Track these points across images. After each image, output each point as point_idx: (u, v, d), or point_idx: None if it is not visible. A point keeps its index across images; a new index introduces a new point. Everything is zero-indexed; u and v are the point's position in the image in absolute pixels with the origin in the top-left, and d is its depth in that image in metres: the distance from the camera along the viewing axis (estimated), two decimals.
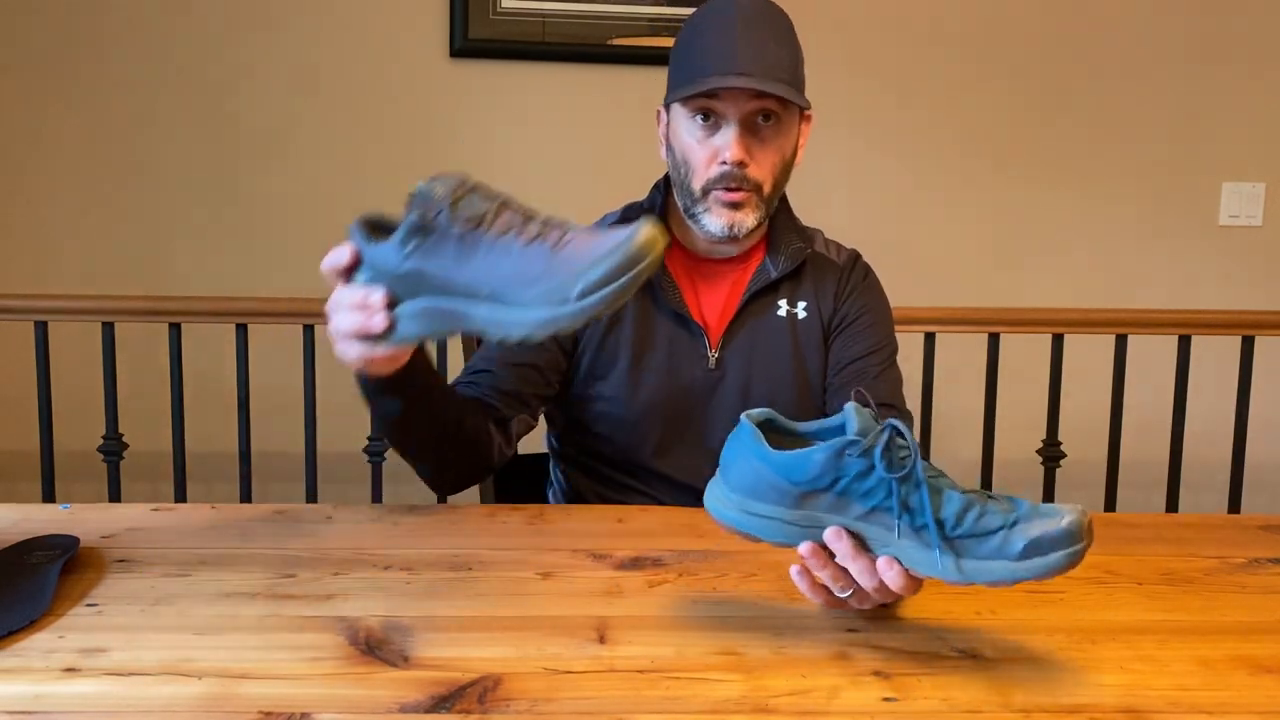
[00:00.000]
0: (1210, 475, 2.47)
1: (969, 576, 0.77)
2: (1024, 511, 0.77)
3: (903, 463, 0.77)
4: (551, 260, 0.78)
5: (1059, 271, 2.65)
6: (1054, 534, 0.75)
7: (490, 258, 0.80)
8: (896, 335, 1.32)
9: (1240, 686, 0.77)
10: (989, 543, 0.76)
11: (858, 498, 0.78)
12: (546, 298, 0.78)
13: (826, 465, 0.78)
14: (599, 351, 1.24)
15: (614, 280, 0.76)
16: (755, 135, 1.17)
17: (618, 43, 2.48)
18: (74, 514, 1.09)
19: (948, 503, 0.77)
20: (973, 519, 0.77)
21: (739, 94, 1.14)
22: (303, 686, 0.73)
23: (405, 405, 1.03)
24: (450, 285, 0.81)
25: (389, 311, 0.85)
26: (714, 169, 1.16)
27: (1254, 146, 2.65)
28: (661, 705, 0.72)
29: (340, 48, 2.48)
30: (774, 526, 0.80)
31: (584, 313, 0.77)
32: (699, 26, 1.18)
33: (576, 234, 0.80)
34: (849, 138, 2.58)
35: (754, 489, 0.80)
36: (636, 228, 0.78)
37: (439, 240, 0.82)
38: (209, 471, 2.43)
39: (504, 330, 0.80)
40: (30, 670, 0.75)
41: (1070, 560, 0.76)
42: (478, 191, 0.83)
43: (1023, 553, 0.75)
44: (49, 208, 2.47)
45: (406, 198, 0.83)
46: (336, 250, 0.88)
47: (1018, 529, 0.76)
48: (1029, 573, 0.76)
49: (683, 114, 1.19)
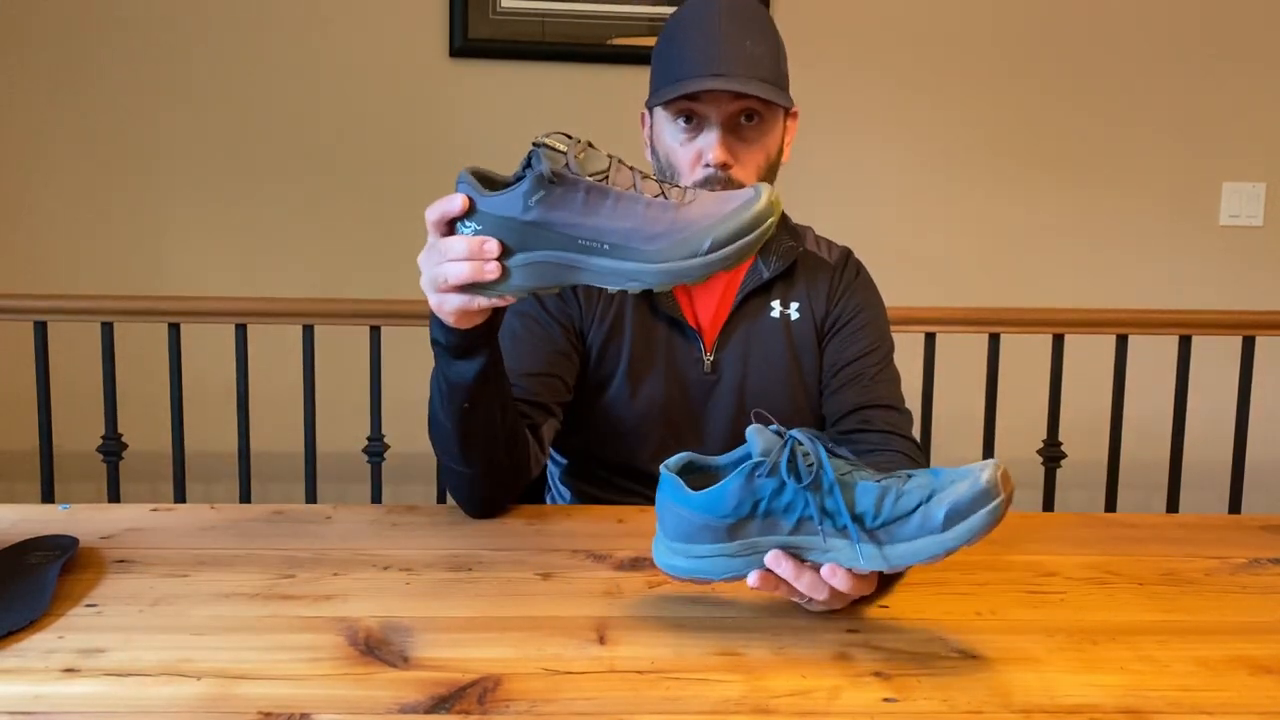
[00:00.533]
0: (1210, 475, 2.47)
1: (899, 561, 0.78)
2: (940, 481, 0.78)
3: (810, 470, 0.78)
4: (678, 215, 0.82)
5: (1059, 271, 2.65)
6: (970, 496, 0.76)
7: (617, 210, 0.83)
8: (894, 334, 1.31)
9: (1240, 686, 0.76)
10: (910, 523, 0.77)
11: (781, 515, 0.79)
12: (674, 250, 0.82)
13: (742, 492, 0.79)
14: (600, 358, 1.24)
15: (742, 236, 0.81)
16: (738, 136, 1.16)
17: (618, 43, 2.48)
18: (73, 514, 1.09)
19: (862, 496, 0.78)
20: (890, 504, 0.78)
21: (719, 95, 1.13)
22: (302, 687, 0.73)
23: (483, 368, 1.00)
24: (572, 237, 0.84)
25: (500, 261, 0.86)
26: (699, 171, 1.15)
27: (1254, 146, 2.65)
28: (661, 705, 0.72)
29: (340, 47, 2.48)
30: (718, 564, 0.81)
31: (712, 266, 0.82)
32: (677, 27, 1.17)
33: (699, 194, 0.85)
34: (849, 137, 2.58)
35: (688, 534, 0.82)
36: (759, 189, 0.83)
37: (567, 192, 0.83)
38: (209, 471, 2.43)
39: (625, 281, 0.83)
40: (29, 670, 0.75)
41: (992, 517, 0.76)
42: (592, 148, 0.86)
43: (944, 522, 0.76)
44: (49, 208, 2.47)
45: (529, 150, 0.84)
46: (447, 199, 0.88)
47: (934, 500, 0.77)
48: (956, 540, 0.76)
49: (665, 117, 1.18)
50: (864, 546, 0.78)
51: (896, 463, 1.17)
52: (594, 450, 1.27)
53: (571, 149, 0.84)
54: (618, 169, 0.85)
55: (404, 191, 2.50)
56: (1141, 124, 2.63)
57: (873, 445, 1.20)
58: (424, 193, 2.74)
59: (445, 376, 1.02)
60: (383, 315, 2.17)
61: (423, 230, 0.92)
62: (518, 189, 0.84)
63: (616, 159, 0.86)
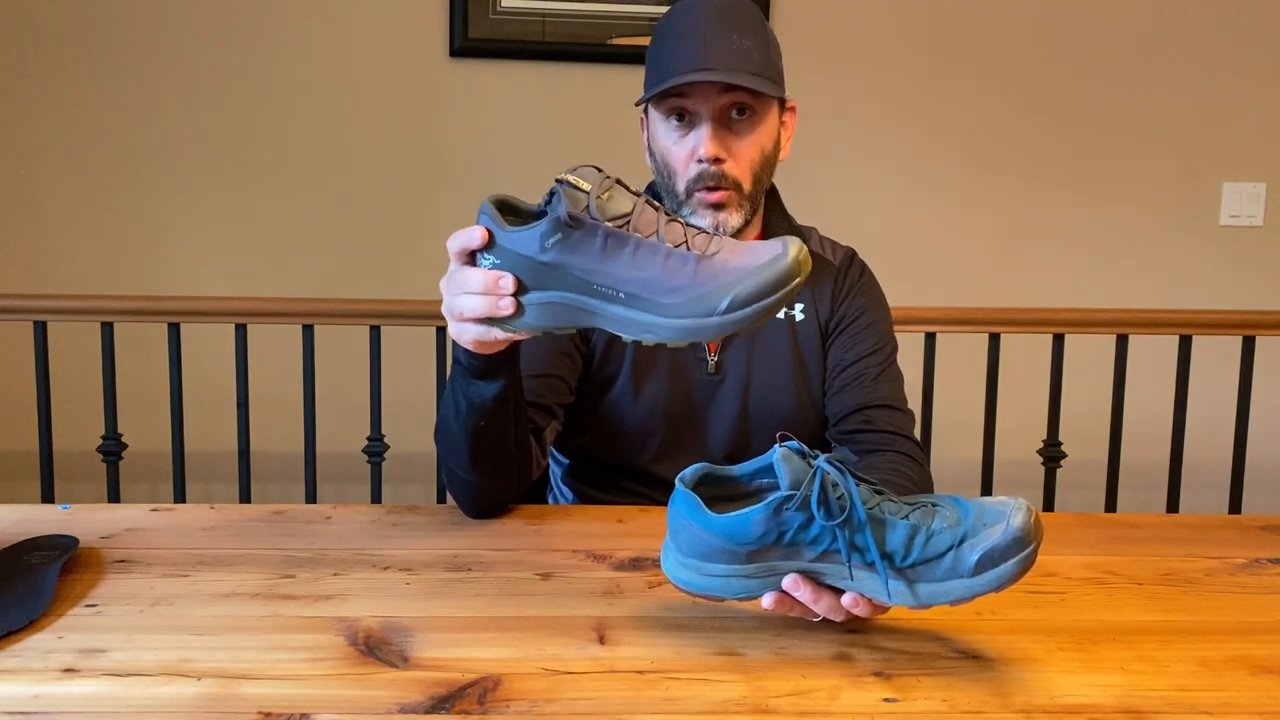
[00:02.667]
0: (1210, 475, 2.47)
1: (927, 601, 0.77)
2: (970, 523, 0.77)
3: (841, 505, 0.76)
4: (699, 269, 0.78)
5: (1059, 271, 2.65)
6: (1004, 543, 0.75)
7: (636, 259, 0.79)
8: (896, 334, 1.31)
9: (1240, 686, 0.76)
10: (941, 564, 0.76)
11: (806, 545, 0.78)
12: (691, 307, 0.77)
13: (768, 524, 0.77)
14: (603, 358, 1.24)
15: (764, 298, 0.77)
16: (730, 130, 1.15)
17: (618, 42, 2.48)
18: (73, 514, 1.09)
19: (893, 534, 0.77)
20: (921, 544, 0.76)
21: (708, 90, 1.13)
22: (302, 687, 0.73)
23: (502, 390, 1.00)
24: (588, 282, 0.80)
25: (516, 298, 0.84)
26: (692, 168, 1.15)
27: (1254, 146, 2.65)
28: (661, 705, 0.72)
29: (340, 47, 2.47)
30: (733, 584, 0.80)
31: (729, 326, 0.77)
32: (666, 27, 1.17)
33: (724, 245, 0.80)
34: (850, 137, 2.58)
35: (704, 553, 0.80)
36: (787, 245, 0.78)
37: (585, 236, 0.80)
38: (209, 471, 2.43)
39: (640, 332, 0.80)
40: (29, 670, 0.75)
41: (1023, 565, 0.76)
42: (619, 187, 0.82)
43: (976, 567, 0.75)
44: (48, 208, 2.47)
45: (552, 185, 0.81)
46: (469, 230, 0.86)
47: (966, 545, 0.76)
48: (985, 586, 0.76)
49: (658, 116, 1.18)
50: (894, 583, 0.77)
51: (900, 463, 1.17)
52: (596, 451, 1.27)
53: (596, 188, 0.80)
54: (642, 211, 0.81)
55: (404, 191, 2.50)
56: (1142, 124, 2.63)
57: (875, 445, 1.20)
58: (424, 192, 2.75)
59: (464, 393, 1.01)
60: (383, 315, 2.17)
61: (423, 231, 0.92)
62: (536, 228, 0.81)
63: (644, 198, 0.82)
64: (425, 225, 2.47)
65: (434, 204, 2.49)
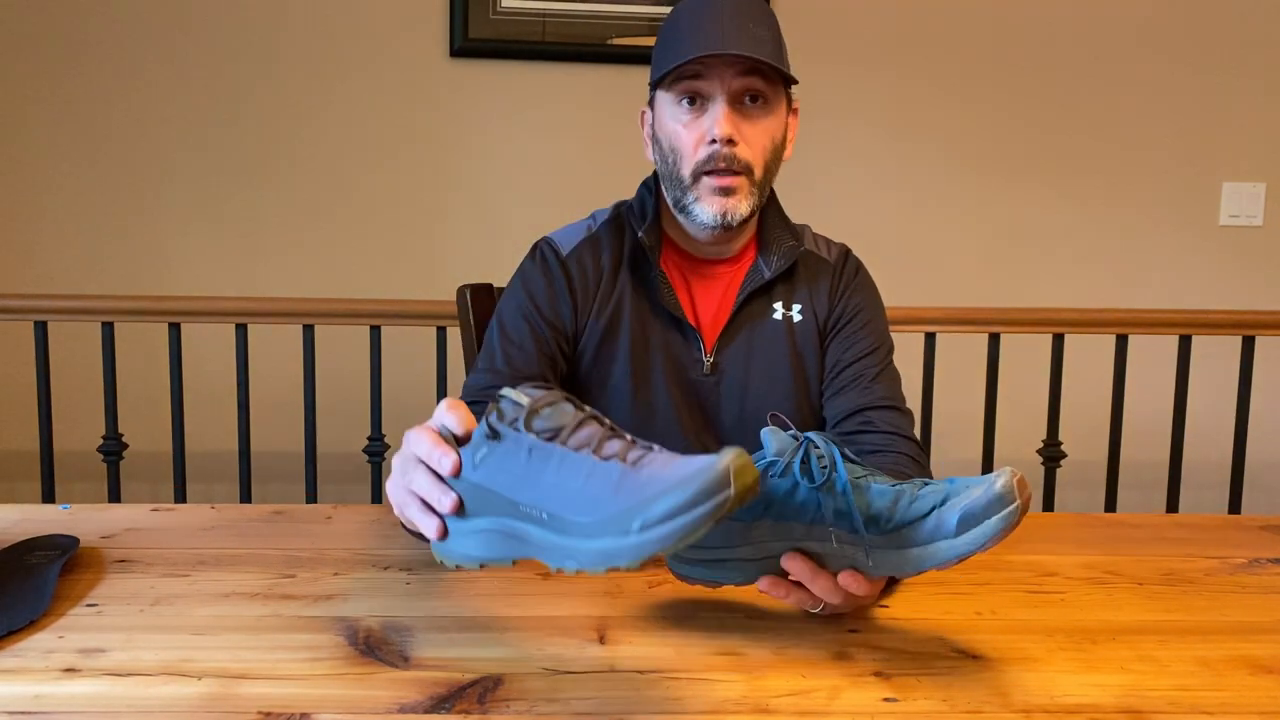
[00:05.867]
0: (1210, 475, 2.48)
1: (915, 565, 0.77)
2: (955, 486, 0.77)
3: (824, 471, 0.77)
4: (622, 481, 0.67)
5: (1059, 271, 2.65)
6: (985, 501, 0.75)
7: (560, 473, 0.69)
8: (894, 334, 1.31)
9: (1240, 686, 0.76)
10: (924, 526, 0.76)
11: (794, 516, 0.78)
12: (607, 526, 0.66)
13: None
14: (597, 357, 1.23)
15: (682, 514, 0.63)
16: (743, 114, 1.14)
17: (618, 43, 2.48)
18: (74, 514, 1.09)
19: (876, 498, 0.77)
20: (905, 506, 0.77)
21: (724, 70, 1.12)
22: (302, 687, 0.73)
23: None
24: (514, 502, 0.71)
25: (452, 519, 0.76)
26: (702, 150, 1.14)
27: (1254, 146, 2.65)
28: (661, 705, 0.72)
29: (340, 47, 2.48)
30: (730, 568, 0.80)
31: (645, 549, 0.64)
32: (680, 16, 1.16)
33: (659, 455, 0.69)
34: (850, 137, 2.59)
35: None
36: (721, 456, 0.64)
37: (510, 450, 0.72)
38: (209, 471, 2.43)
39: (562, 560, 0.68)
40: (30, 670, 0.75)
41: (1006, 522, 0.75)
42: (566, 403, 0.73)
43: (958, 527, 0.75)
44: (49, 208, 2.47)
45: None
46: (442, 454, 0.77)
47: (949, 505, 0.76)
48: (969, 545, 0.75)
49: (668, 100, 1.17)
50: (876, 550, 0.77)
51: (901, 463, 1.16)
52: None
53: (533, 402, 0.72)
54: (581, 426, 0.71)
55: (404, 191, 2.50)
56: (1142, 124, 2.63)
57: (876, 446, 1.19)
58: (424, 192, 2.75)
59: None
60: (383, 315, 2.17)
61: (423, 231, 0.92)
62: (468, 446, 0.75)
63: (590, 414, 0.73)
64: (425, 225, 2.47)
65: (434, 204, 2.50)
